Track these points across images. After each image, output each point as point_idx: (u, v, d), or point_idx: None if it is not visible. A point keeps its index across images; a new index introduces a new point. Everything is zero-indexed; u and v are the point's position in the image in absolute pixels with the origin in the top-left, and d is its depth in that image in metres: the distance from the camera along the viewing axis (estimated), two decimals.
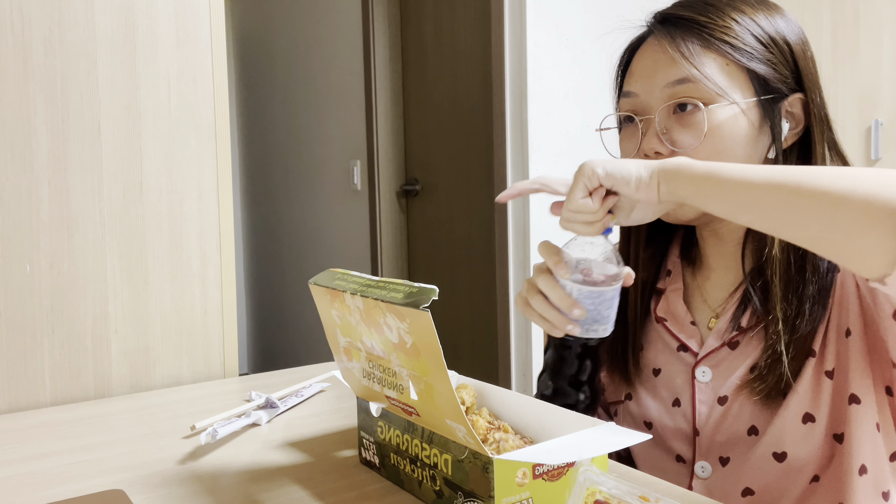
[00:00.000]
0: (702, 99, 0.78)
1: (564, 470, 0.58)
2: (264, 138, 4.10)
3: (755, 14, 0.80)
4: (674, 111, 0.80)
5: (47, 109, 1.05)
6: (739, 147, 0.79)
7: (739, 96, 0.78)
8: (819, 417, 0.76)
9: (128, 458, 0.78)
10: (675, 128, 0.80)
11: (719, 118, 0.78)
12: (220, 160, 1.19)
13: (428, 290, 0.55)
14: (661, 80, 0.80)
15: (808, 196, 0.59)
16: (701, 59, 0.78)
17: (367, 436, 0.72)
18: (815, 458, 0.77)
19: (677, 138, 0.79)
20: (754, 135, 0.79)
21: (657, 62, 0.81)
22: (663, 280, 0.92)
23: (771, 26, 0.80)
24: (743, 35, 0.79)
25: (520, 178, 2.50)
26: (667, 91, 0.80)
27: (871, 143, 2.46)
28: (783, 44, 0.80)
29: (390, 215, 3.18)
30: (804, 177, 0.60)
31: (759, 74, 0.79)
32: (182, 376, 1.16)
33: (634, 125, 0.83)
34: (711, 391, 0.83)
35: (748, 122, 0.78)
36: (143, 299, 1.12)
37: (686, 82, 0.78)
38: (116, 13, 1.10)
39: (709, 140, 0.77)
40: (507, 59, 2.49)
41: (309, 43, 3.63)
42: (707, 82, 0.77)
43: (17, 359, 1.02)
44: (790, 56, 0.81)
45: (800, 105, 0.81)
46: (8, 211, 1.02)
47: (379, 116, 3.13)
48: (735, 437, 0.81)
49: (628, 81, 0.85)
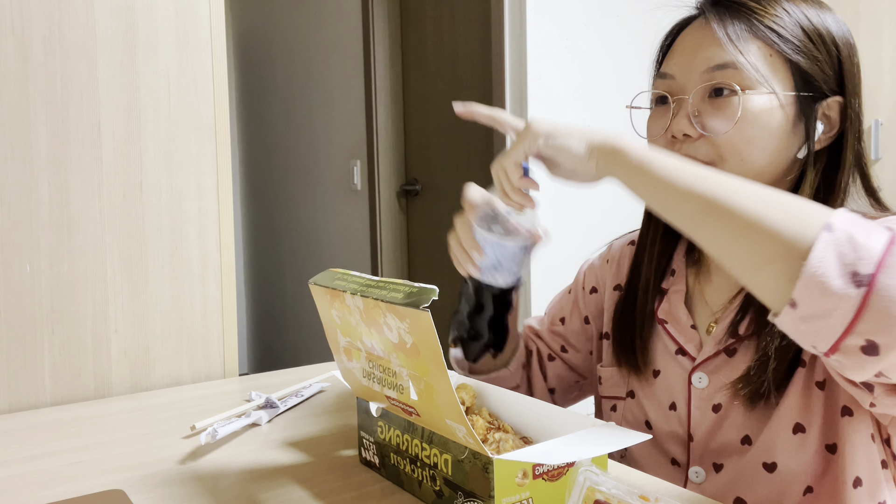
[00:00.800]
0: (740, 85, 0.76)
1: (564, 470, 0.58)
2: (264, 138, 4.10)
3: (807, 8, 0.79)
4: (709, 95, 0.78)
5: (47, 109, 1.05)
6: (772, 139, 0.77)
7: (779, 87, 0.77)
8: (810, 428, 0.75)
9: (128, 458, 0.78)
10: (708, 111, 0.78)
11: (755, 106, 0.76)
12: (220, 160, 1.19)
13: (428, 290, 0.55)
14: (700, 62, 0.79)
15: (720, 213, 0.59)
16: (746, 44, 0.77)
17: (367, 436, 0.72)
18: (808, 469, 0.76)
19: (708, 122, 0.78)
20: (788, 130, 0.77)
21: (700, 43, 0.79)
22: (667, 279, 0.91)
23: (821, 22, 0.79)
24: (791, 26, 0.78)
25: None
26: (706, 75, 0.78)
27: (871, 143, 2.46)
28: (830, 42, 0.79)
29: (390, 215, 3.18)
30: (723, 191, 0.60)
31: (802, 69, 0.77)
32: (182, 376, 1.16)
33: (666, 106, 0.82)
34: (706, 398, 0.82)
35: (784, 116, 0.77)
36: (143, 299, 1.12)
37: (727, 67, 0.76)
38: (116, 13, 1.10)
39: (741, 126, 0.76)
40: (507, 59, 2.49)
41: (309, 43, 3.63)
42: (749, 69, 0.76)
43: (17, 359, 1.02)
44: (836, 56, 0.79)
45: (837, 109, 0.79)
46: (8, 211, 1.02)
47: (379, 116, 3.13)
48: (728, 445, 0.80)
49: (667, 63, 0.83)
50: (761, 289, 0.58)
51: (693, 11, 0.85)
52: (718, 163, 0.78)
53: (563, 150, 0.69)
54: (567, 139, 0.69)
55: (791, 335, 0.57)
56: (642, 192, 0.66)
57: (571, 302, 1.02)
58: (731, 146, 0.77)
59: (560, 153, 0.69)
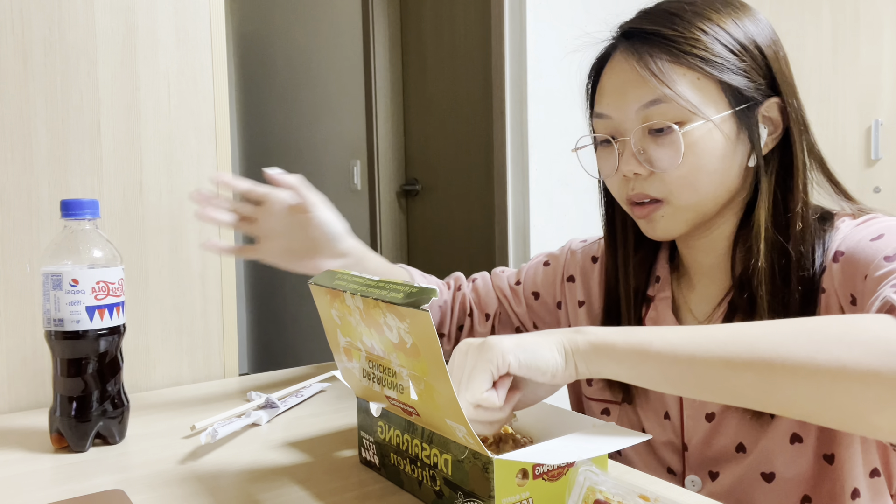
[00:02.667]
0: (676, 119, 0.75)
1: (564, 470, 0.58)
2: (264, 138, 4.10)
3: (723, 21, 0.77)
4: (649, 131, 0.78)
5: (47, 109, 1.05)
6: (716, 161, 0.77)
7: (713, 111, 0.76)
8: (807, 438, 0.75)
9: (128, 458, 0.78)
10: (652, 148, 0.78)
11: (695, 137, 0.75)
12: (220, 160, 1.19)
13: (428, 291, 0.55)
14: (633, 101, 0.78)
15: (790, 375, 0.52)
16: (671, 76, 0.75)
17: (367, 436, 0.72)
18: (805, 478, 0.75)
19: (655, 159, 0.77)
20: (731, 147, 0.77)
21: (627, 82, 0.78)
22: (653, 286, 0.90)
23: (740, 32, 0.77)
24: (713, 46, 0.76)
25: (520, 177, 2.50)
26: (641, 113, 0.77)
27: (871, 143, 2.46)
28: (755, 49, 0.78)
29: (390, 215, 3.18)
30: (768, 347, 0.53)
31: (733, 86, 0.76)
32: (182, 376, 1.16)
33: (611, 145, 0.81)
34: (699, 406, 0.82)
35: (723, 136, 0.76)
36: (142, 299, 1.12)
37: (659, 103, 0.76)
38: (116, 13, 1.10)
39: (687, 159, 0.76)
40: (507, 59, 2.49)
41: (309, 43, 3.63)
42: (680, 101, 0.75)
43: (17, 359, 1.02)
44: (763, 61, 0.78)
45: (776, 109, 0.79)
46: (8, 211, 1.02)
47: (379, 116, 3.13)
48: (723, 454, 0.80)
49: (599, 102, 0.82)
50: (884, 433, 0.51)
51: (608, 41, 0.84)
52: (671, 197, 0.78)
53: (539, 369, 0.60)
54: (539, 354, 0.60)
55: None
56: (653, 377, 0.58)
57: (550, 281, 1.01)
58: (681, 180, 0.77)
59: (536, 372, 0.60)
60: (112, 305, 0.80)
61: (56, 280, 0.78)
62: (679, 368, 0.57)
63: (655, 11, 0.81)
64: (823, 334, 0.53)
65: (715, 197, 0.78)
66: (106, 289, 0.79)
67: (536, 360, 0.60)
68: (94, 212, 0.81)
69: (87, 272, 0.78)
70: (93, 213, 0.81)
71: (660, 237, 0.82)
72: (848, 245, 0.73)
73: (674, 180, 0.77)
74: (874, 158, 2.46)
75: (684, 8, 0.78)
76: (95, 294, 0.79)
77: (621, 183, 0.82)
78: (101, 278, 0.79)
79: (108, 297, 0.80)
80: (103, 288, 0.79)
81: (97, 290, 0.79)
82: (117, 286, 0.81)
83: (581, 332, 0.62)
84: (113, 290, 0.80)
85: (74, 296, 0.78)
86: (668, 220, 0.80)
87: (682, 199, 0.78)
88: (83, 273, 0.78)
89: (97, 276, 0.79)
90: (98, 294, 0.79)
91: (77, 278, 0.78)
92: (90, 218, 0.81)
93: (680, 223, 0.80)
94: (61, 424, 0.79)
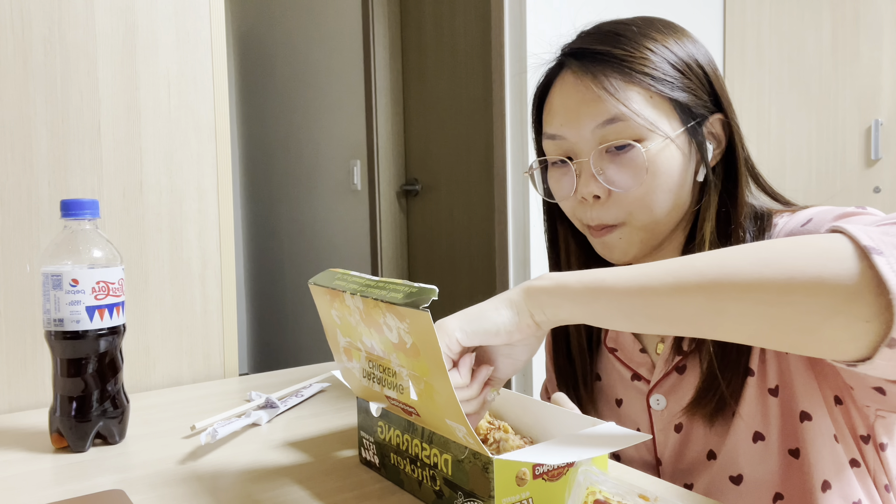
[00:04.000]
0: (634, 136, 0.75)
1: (564, 470, 0.58)
2: (264, 138, 4.10)
3: (666, 41, 0.78)
4: (607, 150, 0.77)
5: (47, 109, 1.05)
6: (674, 178, 0.77)
7: (668, 128, 0.76)
8: (769, 435, 0.75)
9: (128, 458, 0.78)
10: (611, 167, 0.77)
11: (653, 154, 0.75)
12: (220, 160, 1.19)
13: (428, 290, 0.55)
14: (587, 120, 0.77)
15: (738, 292, 0.50)
16: (626, 94, 0.75)
17: (367, 436, 0.72)
18: (773, 476, 0.75)
19: (615, 178, 0.77)
20: (685, 162, 0.78)
21: (581, 102, 0.77)
22: None
23: (683, 52, 0.79)
24: (661, 65, 0.77)
25: (520, 178, 2.50)
26: (597, 133, 0.77)
27: (871, 143, 2.46)
28: (697, 68, 0.79)
29: (390, 215, 3.18)
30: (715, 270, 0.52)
31: (682, 103, 0.77)
32: (182, 376, 1.16)
33: (566, 166, 0.80)
34: (667, 419, 0.82)
35: (679, 152, 0.77)
36: (142, 299, 1.12)
37: (616, 121, 0.75)
38: (116, 13, 1.10)
39: (649, 177, 0.76)
40: (507, 59, 2.49)
41: (309, 43, 3.63)
42: (637, 118, 0.75)
43: (18, 359, 1.02)
44: (705, 79, 0.79)
45: (719, 125, 0.80)
46: (8, 211, 1.02)
47: (379, 116, 3.13)
48: (695, 463, 0.80)
49: (550, 122, 0.81)
50: (831, 346, 0.49)
51: (552, 62, 0.83)
52: (629, 219, 0.78)
53: (489, 330, 0.59)
54: (484, 315, 0.60)
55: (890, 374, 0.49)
56: (612, 314, 0.57)
57: None
58: (639, 201, 0.77)
59: (488, 335, 0.60)
60: (112, 305, 0.80)
61: (56, 280, 0.78)
62: (631, 300, 0.56)
63: (600, 32, 0.81)
64: (771, 252, 0.52)
65: (670, 214, 0.79)
66: (106, 289, 0.79)
67: (484, 324, 0.59)
68: (94, 212, 0.81)
69: (87, 272, 0.78)
70: (93, 213, 0.81)
71: (617, 259, 0.81)
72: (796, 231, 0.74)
73: (633, 201, 0.77)
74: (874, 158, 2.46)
75: (630, 29, 0.79)
76: (95, 294, 0.79)
77: (577, 205, 0.81)
78: (101, 278, 0.79)
79: (108, 297, 0.80)
80: (103, 288, 0.79)
81: (97, 290, 0.79)
82: (117, 286, 0.81)
83: (532, 281, 0.61)
84: (113, 290, 0.80)
85: (74, 296, 0.78)
86: (626, 242, 0.79)
87: (640, 219, 0.78)
88: (83, 273, 0.78)
89: (97, 276, 0.79)
90: (98, 294, 0.79)
91: (77, 278, 0.78)
92: (90, 218, 0.81)
93: (636, 244, 0.80)
94: (61, 424, 0.79)
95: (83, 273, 0.78)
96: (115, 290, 0.80)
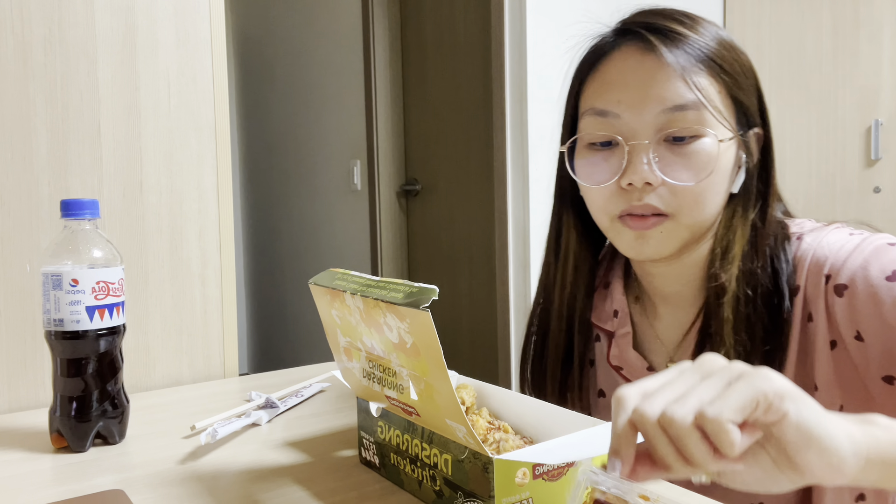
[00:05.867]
0: (699, 129, 0.69)
1: (564, 470, 0.58)
2: (264, 138, 4.10)
3: (732, 40, 0.73)
4: (665, 138, 0.70)
5: (47, 109, 1.05)
6: (726, 180, 0.73)
7: (732, 128, 0.72)
8: None
9: (128, 458, 0.78)
10: (669, 158, 0.70)
11: (719, 151, 0.70)
12: (220, 160, 1.19)
13: (428, 290, 0.55)
14: (654, 103, 0.69)
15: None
16: (702, 81, 0.69)
17: (367, 436, 0.72)
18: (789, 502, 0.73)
19: (673, 170, 0.70)
20: (733, 168, 0.73)
21: (648, 81, 0.70)
22: (611, 322, 0.85)
23: (746, 57, 0.74)
24: (732, 62, 0.71)
25: (520, 178, 2.50)
26: (661, 118, 0.69)
27: (871, 143, 2.46)
28: (753, 77, 0.74)
29: (390, 215, 3.18)
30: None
31: (744, 106, 0.72)
32: (182, 376, 1.16)
33: (610, 150, 0.73)
34: None
35: (733, 156, 0.73)
36: (143, 299, 1.12)
37: (686, 109, 0.69)
38: (116, 13, 1.10)
39: (710, 176, 0.70)
40: (507, 59, 2.49)
41: (309, 43, 3.63)
42: (711, 111, 0.69)
43: (18, 359, 1.02)
44: (755, 85, 0.75)
45: (755, 140, 0.75)
46: (8, 211, 1.02)
47: (379, 116, 3.13)
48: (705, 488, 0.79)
49: (601, 97, 0.73)
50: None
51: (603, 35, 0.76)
52: (678, 213, 0.72)
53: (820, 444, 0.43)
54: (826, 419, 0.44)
55: None
56: None
57: None
58: (693, 196, 0.70)
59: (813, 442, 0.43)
60: (112, 305, 0.80)
61: (56, 280, 0.78)
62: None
63: (671, 13, 0.74)
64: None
65: (712, 218, 0.74)
66: (106, 289, 0.79)
67: (821, 429, 0.43)
68: (94, 212, 0.81)
69: (87, 272, 0.78)
70: (93, 213, 0.81)
71: (647, 256, 0.74)
72: (852, 277, 0.68)
73: (687, 196, 0.70)
74: (874, 158, 2.46)
75: (701, 17, 0.74)
76: (95, 294, 0.79)
77: (615, 193, 0.73)
78: (101, 278, 0.79)
79: (108, 297, 0.80)
80: (103, 288, 0.79)
81: (97, 290, 0.79)
82: (117, 286, 0.81)
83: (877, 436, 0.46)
84: (113, 290, 0.80)
85: (74, 296, 0.78)
86: (665, 238, 0.73)
87: (690, 216, 0.71)
88: (83, 273, 0.78)
89: (97, 276, 0.79)
90: (98, 294, 0.79)
91: (77, 278, 0.78)
92: (90, 218, 0.81)
93: (675, 243, 0.73)
94: (61, 424, 0.79)
95: (83, 273, 0.78)
96: (115, 290, 0.80)
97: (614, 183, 0.72)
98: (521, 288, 2.51)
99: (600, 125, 0.73)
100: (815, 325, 0.71)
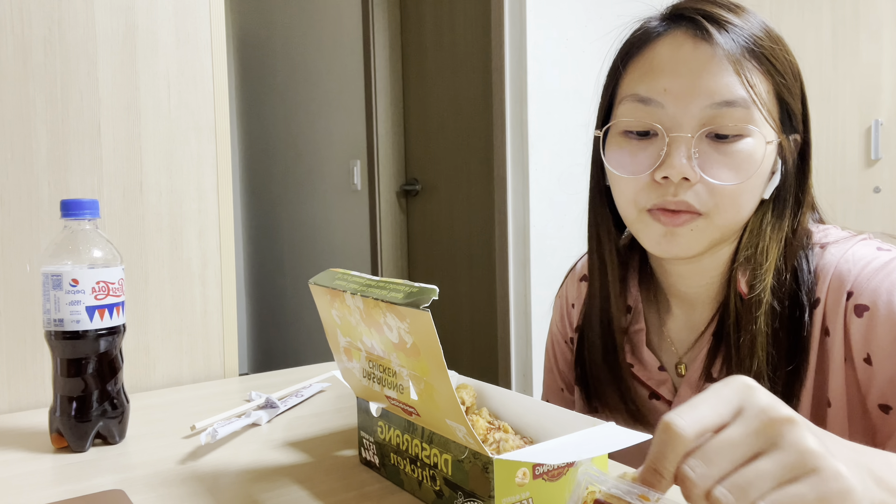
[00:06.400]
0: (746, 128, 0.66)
1: (564, 470, 0.58)
2: (264, 138, 4.10)
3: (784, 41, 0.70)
4: (707, 134, 0.67)
5: (47, 109, 1.05)
6: (763, 184, 0.70)
7: (777, 130, 0.69)
8: None
9: (128, 458, 0.78)
10: (711, 155, 0.67)
11: (764, 154, 0.67)
12: (220, 160, 1.19)
13: (428, 290, 0.55)
14: (702, 96, 0.66)
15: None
16: (755, 79, 0.66)
17: (367, 436, 0.72)
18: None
19: (713, 170, 0.67)
20: (769, 172, 0.71)
21: (699, 71, 0.66)
22: (624, 318, 0.83)
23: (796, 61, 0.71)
24: (784, 63, 0.68)
25: (520, 178, 2.50)
26: (708, 112, 0.66)
27: (871, 143, 2.46)
28: (799, 76, 0.72)
29: (390, 215, 3.18)
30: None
31: (791, 109, 0.70)
32: (182, 376, 1.16)
33: (648, 140, 0.69)
34: None
35: (772, 160, 0.70)
36: (142, 299, 1.12)
37: (736, 106, 0.65)
38: (116, 13, 1.10)
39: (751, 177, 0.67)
40: (507, 59, 2.49)
41: (309, 43, 3.63)
42: (762, 110, 0.66)
43: (18, 359, 1.02)
44: (801, 90, 0.72)
45: (794, 146, 0.73)
46: (8, 211, 1.02)
47: (379, 116, 3.13)
48: None
49: (644, 84, 0.69)
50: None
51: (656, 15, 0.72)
52: (713, 212, 0.69)
53: None
54: None
55: None
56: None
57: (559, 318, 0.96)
58: (731, 197, 0.68)
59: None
60: (112, 305, 0.80)
61: (56, 280, 0.78)
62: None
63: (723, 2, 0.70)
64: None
65: (743, 221, 0.71)
66: (106, 289, 0.80)
67: None
68: (94, 212, 0.81)
69: (87, 272, 0.78)
70: (93, 213, 0.81)
71: (674, 254, 0.71)
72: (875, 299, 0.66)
73: (725, 195, 0.67)
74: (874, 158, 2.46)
75: (755, 13, 0.71)
76: (95, 294, 0.79)
77: (647, 186, 0.70)
78: (101, 278, 0.79)
79: (108, 297, 0.80)
80: (103, 288, 0.79)
81: (97, 290, 0.79)
82: (117, 286, 0.81)
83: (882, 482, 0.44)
84: (113, 290, 0.80)
85: (74, 296, 0.78)
86: (695, 236, 0.70)
87: (724, 216, 0.69)
88: (83, 273, 0.78)
89: (97, 276, 0.79)
90: (98, 294, 0.79)
91: (77, 278, 0.78)
92: (90, 218, 0.81)
93: (704, 242, 0.70)
94: (61, 424, 0.79)
95: (83, 273, 0.78)
96: (115, 290, 0.80)
97: (648, 175, 0.69)
98: (521, 288, 2.51)
99: (641, 112, 0.69)
100: (831, 341, 0.69)
